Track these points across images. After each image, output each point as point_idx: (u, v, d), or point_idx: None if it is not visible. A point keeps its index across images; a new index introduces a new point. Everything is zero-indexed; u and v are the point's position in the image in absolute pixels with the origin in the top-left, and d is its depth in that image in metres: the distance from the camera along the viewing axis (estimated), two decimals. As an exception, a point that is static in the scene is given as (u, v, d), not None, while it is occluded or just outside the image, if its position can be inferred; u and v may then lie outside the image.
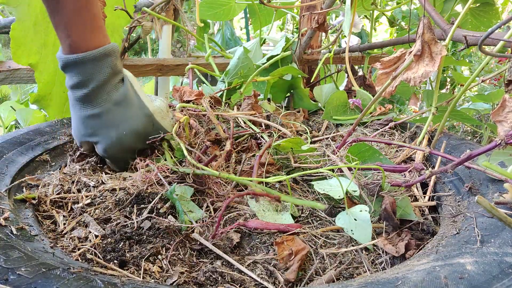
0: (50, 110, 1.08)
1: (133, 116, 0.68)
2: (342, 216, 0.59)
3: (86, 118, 0.66)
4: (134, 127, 0.68)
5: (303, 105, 1.14)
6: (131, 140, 0.68)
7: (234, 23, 3.78)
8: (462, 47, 0.74)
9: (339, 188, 0.63)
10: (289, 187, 0.65)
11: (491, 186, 0.62)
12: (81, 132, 0.68)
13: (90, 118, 0.66)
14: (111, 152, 0.68)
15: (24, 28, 0.96)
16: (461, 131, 2.30)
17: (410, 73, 0.72)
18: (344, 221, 0.58)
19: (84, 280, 0.40)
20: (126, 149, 0.69)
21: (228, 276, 0.48)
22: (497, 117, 0.65)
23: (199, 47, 2.22)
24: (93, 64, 0.64)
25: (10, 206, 0.57)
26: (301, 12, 1.40)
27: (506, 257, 0.43)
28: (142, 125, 0.69)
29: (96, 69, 0.64)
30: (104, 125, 0.66)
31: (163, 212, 0.59)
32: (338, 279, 0.49)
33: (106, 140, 0.67)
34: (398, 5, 1.65)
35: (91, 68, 0.64)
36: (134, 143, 0.69)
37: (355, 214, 0.58)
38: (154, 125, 0.70)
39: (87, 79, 0.64)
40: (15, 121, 1.64)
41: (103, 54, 0.65)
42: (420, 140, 0.82)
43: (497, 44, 0.72)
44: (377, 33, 3.38)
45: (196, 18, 1.29)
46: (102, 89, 0.65)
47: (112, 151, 0.68)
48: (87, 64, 0.63)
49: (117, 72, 0.67)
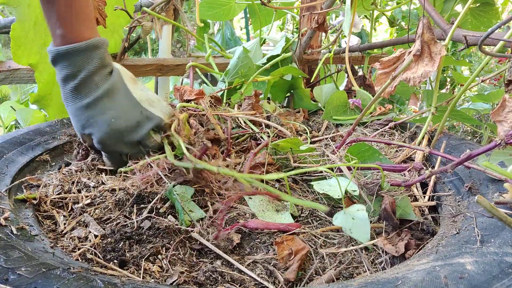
0: (50, 110, 1.08)
1: (120, 104, 0.69)
2: (340, 216, 0.58)
3: (78, 110, 0.67)
4: (121, 114, 0.69)
5: (303, 105, 1.14)
6: (121, 126, 0.69)
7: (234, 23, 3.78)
8: (462, 47, 0.74)
9: (338, 188, 0.63)
10: (287, 187, 0.65)
11: (491, 186, 0.62)
12: (77, 125, 0.69)
13: (82, 109, 0.67)
14: (105, 142, 0.69)
15: (24, 28, 0.96)
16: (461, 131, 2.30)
17: (409, 73, 0.72)
18: (342, 221, 0.57)
19: (84, 280, 0.40)
20: (119, 138, 0.69)
21: (228, 276, 0.48)
22: (497, 117, 0.65)
23: (199, 47, 2.22)
24: (84, 55, 0.66)
25: (10, 206, 0.57)
26: (301, 12, 1.40)
27: (506, 257, 0.43)
28: (129, 112, 0.70)
29: (85, 60, 0.66)
30: (96, 115, 0.67)
31: (163, 212, 0.59)
32: (338, 279, 0.49)
33: (99, 129, 0.68)
34: (398, 5, 1.65)
35: (81, 59, 0.66)
36: (126, 132, 0.69)
37: (352, 213, 0.58)
38: (142, 112, 0.71)
39: (77, 70, 0.66)
40: (15, 121, 1.64)
41: (93, 46, 0.66)
42: (420, 140, 0.82)
43: (497, 44, 0.72)
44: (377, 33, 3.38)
45: (196, 18, 1.29)
46: (91, 80, 0.67)
47: (106, 141, 0.69)
48: (77, 54, 0.65)
49: (106, 65, 0.69)
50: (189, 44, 1.49)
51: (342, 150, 0.78)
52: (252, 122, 0.90)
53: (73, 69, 0.66)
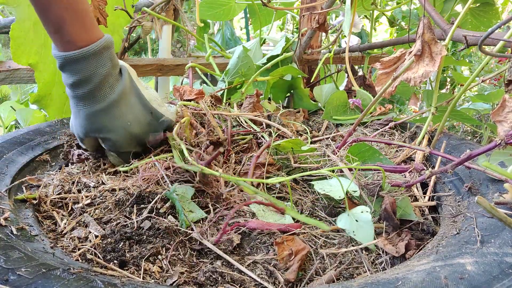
0: (50, 110, 1.08)
1: (134, 106, 0.68)
2: (343, 218, 0.59)
3: (92, 115, 0.65)
4: (136, 117, 0.68)
5: (303, 105, 1.14)
6: (136, 130, 0.68)
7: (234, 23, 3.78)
8: (462, 47, 0.74)
9: (339, 188, 0.62)
10: (289, 188, 0.65)
11: (491, 186, 0.62)
12: (86, 129, 0.66)
13: (97, 114, 0.65)
14: (120, 145, 0.68)
15: (24, 28, 0.96)
16: (461, 131, 2.30)
17: (410, 73, 0.72)
18: (346, 223, 0.58)
19: (84, 280, 0.40)
20: (134, 140, 0.69)
21: (228, 276, 0.48)
22: (497, 117, 0.65)
23: (199, 47, 2.22)
24: (95, 59, 0.62)
25: (10, 206, 0.57)
26: (301, 12, 1.40)
27: (506, 258, 0.43)
28: (142, 113, 0.69)
29: (98, 63, 0.63)
30: (112, 119, 0.65)
31: (163, 212, 0.59)
32: (338, 279, 0.49)
33: (116, 133, 0.66)
34: (398, 5, 1.65)
35: (93, 62, 0.62)
36: (140, 134, 0.69)
37: (356, 215, 0.58)
38: (152, 112, 0.70)
39: (89, 74, 0.62)
40: (15, 121, 1.64)
41: (103, 47, 0.63)
42: (420, 140, 0.82)
43: (497, 44, 0.72)
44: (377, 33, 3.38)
45: (196, 18, 1.29)
46: (105, 83, 0.64)
47: (121, 144, 0.68)
48: (89, 59, 0.62)
49: (116, 64, 0.67)
50: (189, 44, 1.49)
51: (343, 150, 0.78)
52: (253, 121, 0.90)
53: (85, 74, 0.62)
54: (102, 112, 0.65)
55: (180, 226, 0.56)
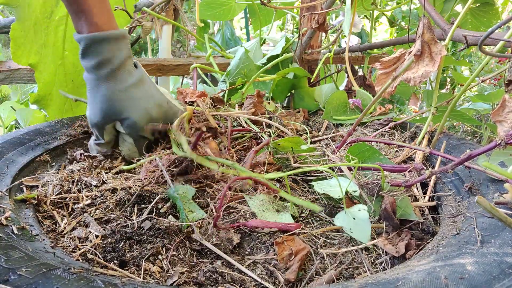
0: (50, 110, 1.07)
1: (153, 93, 0.73)
2: (341, 216, 0.59)
3: (114, 95, 0.69)
4: (155, 102, 0.72)
5: (304, 105, 1.14)
6: (156, 114, 0.72)
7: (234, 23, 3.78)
8: (462, 47, 0.74)
9: (339, 188, 0.63)
10: (288, 187, 0.65)
11: (491, 186, 0.62)
12: (107, 112, 0.70)
13: (118, 94, 0.69)
14: (140, 126, 0.71)
15: (24, 28, 0.96)
16: (461, 131, 2.31)
17: (410, 73, 0.72)
18: (343, 221, 0.58)
19: (84, 280, 0.40)
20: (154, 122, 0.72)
21: (228, 276, 0.48)
22: (497, 117, 0.65)
23: (199, 47, 2.22)
24: (116, 43, 0.68)
25: (11, 205, 0.57)
26: (301, 12, 1.40)
27: (506, 258, 0.43)
28: (162, 100, 0.74)
29: (119, 47, 0.69)
30: (134, 99, 0.70)
31: (163, 212, 0.59)
32: (338, 279, 0.49)
33: (137, 112, 0.70)
34: (398, 5, 1.65)
35: (114, 46, 0.68)
36: (158, 119, 0.73)
37: (353, 213, 0.58)
38: (168, 103, 0.75)
39: (110, 56, 0.68)
40: (15, 121, 1.64)
41: (122, 35, 0.70)
42: (420, 140, 0.82)
43: (497, 44, 0.72)
44: (377, 33, 3.38)
45: (196, 18, 1.29)
46: (124, 67, 0.70)
47: (141, 125, 0.71)
48: (110, 42, 0.68)
49: (131, 56, 0.73)
50: (189, 44, 1.49)
51: (343, 150, 0.78)
52: (253, 121, 0.90)
53: (106, 56, 0.68)
54: (123, 93, 0.69)
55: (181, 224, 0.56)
